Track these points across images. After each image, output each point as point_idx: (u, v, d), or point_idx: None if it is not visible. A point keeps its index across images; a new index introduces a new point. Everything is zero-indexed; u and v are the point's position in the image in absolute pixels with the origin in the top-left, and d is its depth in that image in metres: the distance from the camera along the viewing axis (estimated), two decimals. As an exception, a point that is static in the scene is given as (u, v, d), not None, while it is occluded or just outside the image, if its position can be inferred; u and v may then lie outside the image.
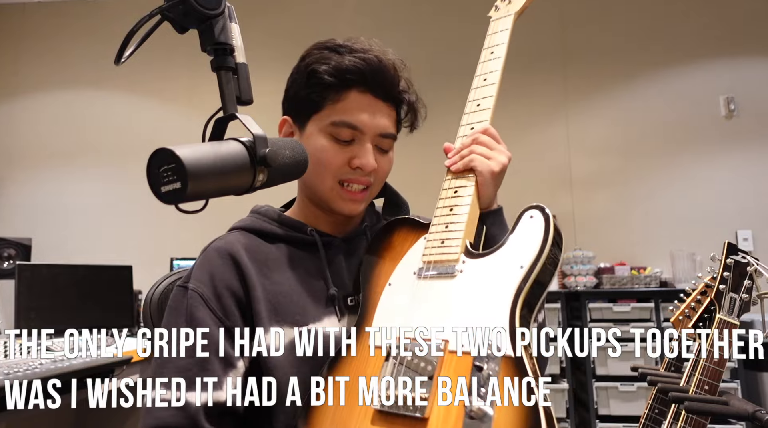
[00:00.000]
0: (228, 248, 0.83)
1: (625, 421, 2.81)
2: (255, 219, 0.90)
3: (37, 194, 3.86)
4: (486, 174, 0.79)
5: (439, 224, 0.79)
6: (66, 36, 4.02)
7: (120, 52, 0.63)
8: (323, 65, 0.82)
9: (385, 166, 0.87)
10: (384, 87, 0.84)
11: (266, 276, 0.82)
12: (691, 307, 1.35)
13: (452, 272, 0.74)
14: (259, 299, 0.79)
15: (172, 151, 0.56)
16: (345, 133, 0.82)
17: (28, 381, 1.52)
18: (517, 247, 0.72)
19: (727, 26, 3.53)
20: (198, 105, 3.73)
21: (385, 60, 0.83)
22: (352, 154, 0.83)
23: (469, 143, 0.83)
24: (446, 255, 0.75)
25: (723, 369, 1.08)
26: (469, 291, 0.72)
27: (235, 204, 0.91)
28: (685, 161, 3.48)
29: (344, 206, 0.85)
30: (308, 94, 0.84)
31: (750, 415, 0.92)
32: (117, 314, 2.72)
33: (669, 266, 3.24)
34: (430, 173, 3.58)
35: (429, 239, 0.79)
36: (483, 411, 0.61)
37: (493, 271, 0.72)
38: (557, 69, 3.68)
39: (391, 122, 0.86)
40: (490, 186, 0.80)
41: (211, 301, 0.79)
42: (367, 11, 3.81)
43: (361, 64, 0.81)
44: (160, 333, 0.78)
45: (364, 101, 0.83)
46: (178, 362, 0.74)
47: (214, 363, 0.75)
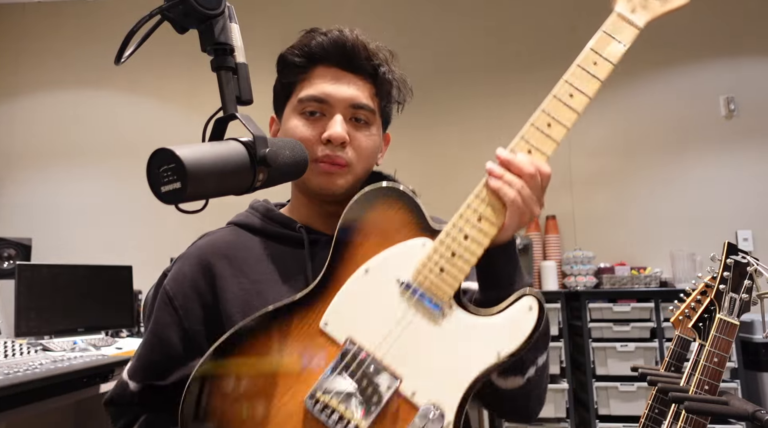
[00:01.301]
0: (207, 248, 0.86)
1: (625, 421, 2.81)
2: (249, 215, 0.91)
3: (37, 194, 3.86)
4: (515, 219, 0.70)
5: (447, 245, 0.70)
6: (66, 36, 4.02)
7: (120, 52, 0.63)
8: (290, 49, 0.85)
9: (363, 141, 0.83)
10: (349, 59, 0.83)
11: (244, 275, 0.82)
12: (691, 307, 1.35)
13: (438, 312, 0.69)
14: (229, 301, 0.81)
15: (172, 151, 0.56)
16: (312, 105, 0.82)
17: (28, 381, 1.52)
18: (503, 329, 0.68)
19: (727, 26, 3.53)
20: (198, 105, 3.73)
21: (350, 35, 0.83)
22: (322, 128, 0.81)
23: (527, 174, 0.70)
24: (440, 289, 0.69)
25: (723, 369, 1.08)
26: (444, 345, 0.68)
27: (235, 204, 0.91)
28: (685, 160, 3.48)
29: (319, 180, 0.82)
30: (282, 81, 0.86)
31: (750, 415, 0.92)
32: (117, 315, 2.72)
33: (669, 266, 3.24)
34: (432, 172, 3.61)
35: (429, 256, 0.70)
36: None
37: (472, 340, 0.68)
38: (558, 69, 3.67)
39: (364, 92, 0.84)
40: (515, 229, 0.72)
41: (176, 299, 0.83)
42: (367, 11, 3.81)
43: (324, 40, 0.82)
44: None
45: (329, 74, 0.83)
46: (139, 352, 0.85)
47: (161, 363, 0.81)
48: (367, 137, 0.84)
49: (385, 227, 0.73)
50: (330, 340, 0.69)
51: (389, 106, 0.90)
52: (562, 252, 3.38)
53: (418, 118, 3.53)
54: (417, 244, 0.72)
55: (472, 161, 3.67)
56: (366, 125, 0.85)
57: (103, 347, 2.24)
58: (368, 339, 0.68)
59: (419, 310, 0.69)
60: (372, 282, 0.71)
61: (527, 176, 0.69)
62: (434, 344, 0.68)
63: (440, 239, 0.70)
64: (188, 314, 0.82)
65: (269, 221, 0.88)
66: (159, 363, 0.82)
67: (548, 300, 2.98)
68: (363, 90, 0.84)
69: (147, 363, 0.83)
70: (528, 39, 3.70)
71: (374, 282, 0.71)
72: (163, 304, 0.84)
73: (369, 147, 0.84)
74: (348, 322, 0.69)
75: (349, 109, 0.82)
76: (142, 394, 0.82)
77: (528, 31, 3.72)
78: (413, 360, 0.67)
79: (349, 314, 0.70)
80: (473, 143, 3.56)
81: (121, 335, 2.69)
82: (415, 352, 0.68)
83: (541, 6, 3.74)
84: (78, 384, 1.81)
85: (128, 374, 0.84)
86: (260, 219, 0.89)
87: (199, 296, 0.82)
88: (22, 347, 1.91)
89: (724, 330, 1.09)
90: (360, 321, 0.69)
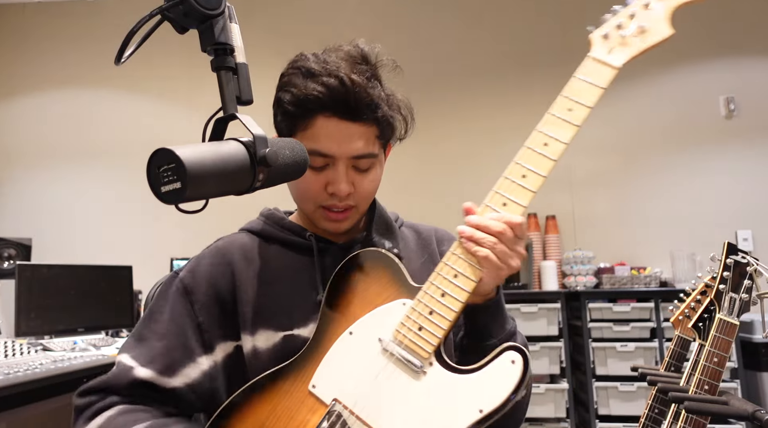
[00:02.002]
0: (225, 250, 0.86)
1: (625, 421, 2.81)
2: (259, 222, 0.92)
3: (37, 194, 3.86)
4: (493, 274, 0.72)
5: (425, 304, 0.72)
6: (66, 36, 4.02)
7: (120, 52, 0.63)
8: (287, 94, 0.81)
9: (365, 186, 0.84)
10: (350, 108, 0.79)
11: (260, 279, 0.84)
12: (691, 307, 1.35)
13: (417, 369, 0.69)
14: (246, 302, 0.81)
15: (172, 151, 0.56)
16: (317, 160, 0.81)
17: (28, 381, 1.52)
18: (485, 386, 0.68)
19: (727, 26, 3.53)
20: (198, 105, 3.73)
21: (347, 81, 0.78)
22: (327, 179, 0.82)
23: (496, 233, 0.71)
24: (419, 347, 0.70)
25: (723, 369, 1.08)
26: (423, 404, 0.68)
27: (235, 204, 0.91)
28: (685, 161, 3.47)
29: (327, 225, 0.86)
30: (280, 123, 0.85)
31: (750, 415, 0.92)
32: (117, 314, 2.72)
33: (669, 266, 3.24)
34: (427, 175, 3.60)
35: (408, 314, 0.72)
36: None
37: (452, 397, 0.68)
38: (557, 69, 3.68)
39: (366, 140, 0.82)
40: (492, 284, 0.74)
41: (193, 294, 0.81)
42: (367, 11, 3.81)
43: (321, 91, 0.78)
44: (145, 312, 0.84)
45: (331, 126, 0.79)
46: (152, 336, 0.80)
47: (175, 350, 0.79)
48: (370, 181, 0.85)
49: (369, 290, 0.78)
50: (318, 401, 0.72)
51: (393, 135, 0.89)
52: (562, 252, 3.38)
53: (418, 119, 3.52)
54: (397, 304, 0.75)
55: (473, 162, 3.67)
56: (369, 169, 0.84)
57: (103, 347, 2.24)
58: (351, 398, 0.71)
59: (400, 367, 0.71)
60: (356, 343, 0.75)
61: (496, 234, 0.70)
62: (415, 400, 0.69)
63: (419, 298, 0.73)
64: (203, 310, 0.81)
65: (281, 229, 0.90)
66: (175, 349, 0.79)
67: (548, 300, 2.98)
68: (364, 138, 0.82)
69: (163, 349, 0.78)
70: (528, 41, 3.69)
71: (358, 343, 0.75)
72: (179, 296, 0.82)
73: (372, 189, 0.87)
74: (334, 383, 0.73)
75: (351, 159, 0.82)
76: (143, 386, 0.77)
77: (528, 33, 3.72)
78: (394, 417, 0.68)
79: (335, 376, 0.73)
80: (474, 145, 3.56)
81: (121, 335, 2.69)
82: (397, 408, 0.69)
83: (542, 8, 3.74)
84: (78, 384, 1.80)
85: (134, 357, 0.78)
86: (272, 227, 0.90)
87: (217, 294, 0.82)
88: (22, 347, 1.90)
89: (724, 330, 1.09)
90: (345, 380, 0.72)
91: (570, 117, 0.73)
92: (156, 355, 0.78)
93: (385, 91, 0.84)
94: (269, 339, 0.81)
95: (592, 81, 0.74)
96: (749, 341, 2.78)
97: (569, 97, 0.74)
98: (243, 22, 0.69)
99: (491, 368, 0.69)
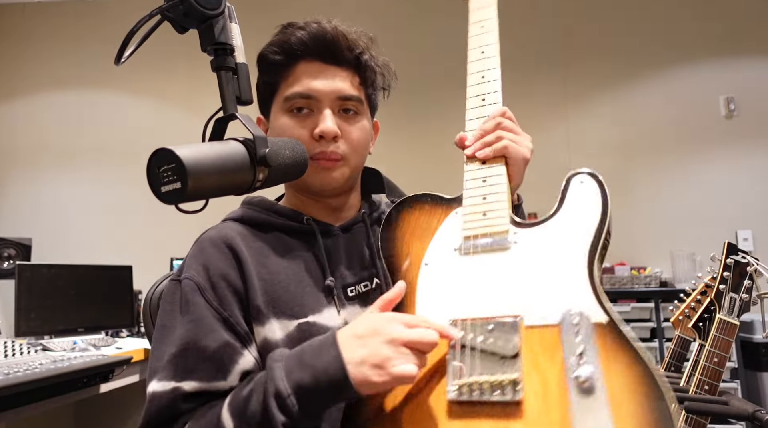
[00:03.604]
0: (222, 237, 0.80)
1: (625, 421, 2.80)
2: (247, 210, 0.86)
3: (37, 194, 3.86)
4: (519, 161, 0.75)
5: (474, 196, 0.73)
6: (66, 36, 4.02)
7: (120, 52, 0.63)
8: (270, 47, 0.83)
9: (354, 133, 0.83)
10: (331, 51, 0.81)
11: (263, 266, 0.78)
12: (691, 307, 1.35)
13: (505, 244, 0.67)
14: (256, 290, 0.75)
15: (172, 151, 0.56)
16: (299, 102, 0.80)
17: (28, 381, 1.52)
18: (575, 212, 0.66)
19: (727, 26, 3.53)
20: (198, 105, 3.73)
21: (329, 27, 0.82)
22: (313, 124, 0.80)
23: (493, 127, 0.77)
24: (493, 227, 0.69)
25: (723, 369, 1.08)
26: (531, 261, 0.65)
27: (235, 204, 0.91)
28: (684, 161, 3.47)
29: (318, 177, 0.81)
30: (264, 80, 0.85)
31: (750, 415, 0.92)
32: (117, 314, 2.72)
33: (669, 266, 3.24)
34: (430, 172, 3.60)
35: (467, 212, 0.72)
36: (593, 382, 0.54)
37: (554, 239, 0.65)
38: (557, 69, 3.68)
39: (350, 84, 0.82)
40: (521, 174, 0.76)
41: (206, 291, 0.74)
42: (366, 11, 3.81)
43: (303, 35, 0.81)
44: (157, 326, 0.75)
45: (313, 68, 0.81)
46: (176, 351, 0.70)
47: (217, 351, 0.70)
48: (358, 128, 0.83)
49: (420, 225, 0.77)
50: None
51: (375, 93, 0.89)
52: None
53: (416, 117, 3.53)
54: (452, 216, 0.75)
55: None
56: (355, 116, 0.84)
57: (103, 347, 2.24)
58: (467, 310, 0.65)
59: (491, 256, 0.68)
60: (436, 268, 0.72)
61: (496, 127, 0.77)
62: (525, 268, 0.66)
63: (465, 196, 0.74)
64: (224, 304, 0.74)
65: (274, 214, 0.85)
66: (215, 350, 0.70)
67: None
68: (348, 81, 0.82)
69: (201, 353, 0.70)
70: (528, 41, 3.69)
71: (438, 266, 0.72)
72: (195, 294, 0.74)
73: (361, 138, 0.84)
74: (437, 312, 0.67)
75: (337, 101, 0.81)
76: (197, 398, 0.69)
77: (528, 33, 3.71)
78: (519, 296, 0.64)
79: (434, 306, 0.69)
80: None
81: (121, 335, 2.69)
82: (514, 287, 0.65)
83: (535, 8, 3.74)
84: (78, 384, 1.81)
85: (172, 377, 0.69)
86: (262, 213, 0.85)
87: (230, 284, 0.75)
88: (22, 347, 1.91)
89: (724, 330, 1.09)
90: (446, 303, 0.68)
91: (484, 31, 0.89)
92: (196, 363, 0.70)
93: (364, 41, 0.85)
94: (283, 328, 0.75)
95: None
96: (749, 341, 2.78)
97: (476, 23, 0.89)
98: (243, 22, 0.69)
99: (567, 200, 0.69)
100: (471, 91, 0.83)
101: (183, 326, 0.72)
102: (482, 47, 0.85)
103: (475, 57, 0.85)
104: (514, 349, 0.60)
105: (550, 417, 0.55)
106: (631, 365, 0.55)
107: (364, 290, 0.83)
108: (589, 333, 0.58)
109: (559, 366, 0.57)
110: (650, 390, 0.53)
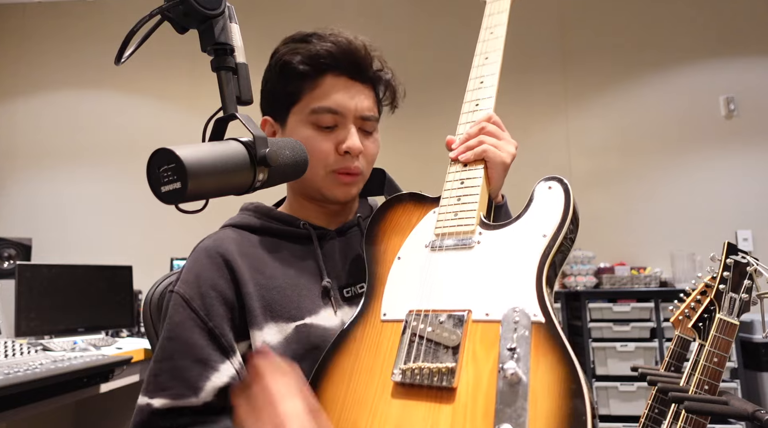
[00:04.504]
0: (217, 247, 0.81)
1: (625, 421, 2.81)
2: (245, 216, 0.89)
3: (37, 194, 3.86)
4: (498, 165, 0.78)
5: (450, 197, 0.78)
6: (66, 36, 4.02)
7: (120, 52, 0.63)
8: (296, 56, 0.83)
9: (371, 148, 0.87)
10: (358, 68, 0.84)
11: (259, 272, 0.80)
12: (691, 307, 1.35)
13: (469, 243, 0.72)
14: (251, 296, 0.77)
15: (172, 151, 0.56)
16: (326, 119, 0.82)
17: (28, 381, 1.52)
18: (536, 217, 0.70)
19: (727, 26, 3.53)
20: (198, 105, 3.73)
21: (355, 42, 0.84)
22: (337, 139, 0.83)
23: (476, 132, 0.81)
24: (461, 227, 0.74)
25: (723, 369, 1.08)
26: (489, 260, 0.70)
27: (235, 204, 0.91)
28: (684, 161, 3.48)
29: (338, 191, 0.85)
30: (284, 88, 0.84)
31: (750, 415, 0.92)
32: (117, 314, 2.72)
33: (669, 266, 3.24)
34: (428, 175, 3.59)
35: (441, 212, 0.77)
36: (518, 376, 0.58)
37: (513, 241, 0.70)
38: (557, 69, 3.68)
39: (371, 102, 0.86)
40: (501, 178, 0.79)
41: (193, 301, 0.76)
42: (367, 12, 3.81)
43: (332, 48, 0.82)
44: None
45: (340, 84, 0.83)
46: (154, 367, 0.74)
47: (188, 369, 0.73)
48: (373, 144, 0.87)
49: (400, 223, 0.82)
50: (394, 323, 0.72)
51: (392, 104, 0.93)
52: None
53: (417, 119, 3.53)
54: (429, 215, 0.80)
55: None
56: (372, 133, 0.87)
57: (103, 347, 2.24)
58: (421, 302, 0.71)
59: (455, 253, 0.73)
60: (407, 262, 0.77)
61: (479, 132, 0.80)
62: (481, 266, 0.70)
63: (443, 197, 0.79)
64: (211, 314, 0.76)
65: (271, 219, 0.88)
66: (186, 368, 0.72)
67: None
68: (371, 99, 0.86)
69: (172, 371, 0.72)
70: (528, 41, 3.69)
71: (409, 260, 0.77)
72: (179, 308, 0.76)
73: (376, 153, 0.89)
74: (401, 302, 0.73)
75: (359, 120, 0.84)
76: (168, 415, 0.71)
77: (528, 33, 3.72)
78: (471, 291, 0.68)
79: (400, 296, 0.74)
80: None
81: (121, 335, 2.69)
82: (470, 284, 0.69)
83: (534, 10, 3.74)
84: (78, 384, 1.82)
85: (147, 392, 0.72)
86: (259, 219, 0.88)
87: (220, 294, 0.77)
88: (22, 347, 1.90)
89: (724, 330, 1.09)
90: (410, 293, 0.73)
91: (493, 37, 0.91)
92: (167, 380, 0.72)
93: (380, 57, 0.88)
94: (281, 330, 0.77)
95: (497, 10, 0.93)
96: (749, 341, 2.78)
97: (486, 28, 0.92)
98: (243, 22, 0.69)
99: (533, 204, 0.72)
100: (468, 96, 0.87)
101: (161, 341, 0.76)
102: (487, 53, 0.89)
103: (479, 63, 0.89)
104: (456, 340, 0.65)
105: (476, 405, 0.59)
106: (558, 364, 0.58)
107: (359, 291, 0.84)
108: (526, 331, 0.62)
109: (494, 359, 0.62)
110: (571, 390, 0.56)
